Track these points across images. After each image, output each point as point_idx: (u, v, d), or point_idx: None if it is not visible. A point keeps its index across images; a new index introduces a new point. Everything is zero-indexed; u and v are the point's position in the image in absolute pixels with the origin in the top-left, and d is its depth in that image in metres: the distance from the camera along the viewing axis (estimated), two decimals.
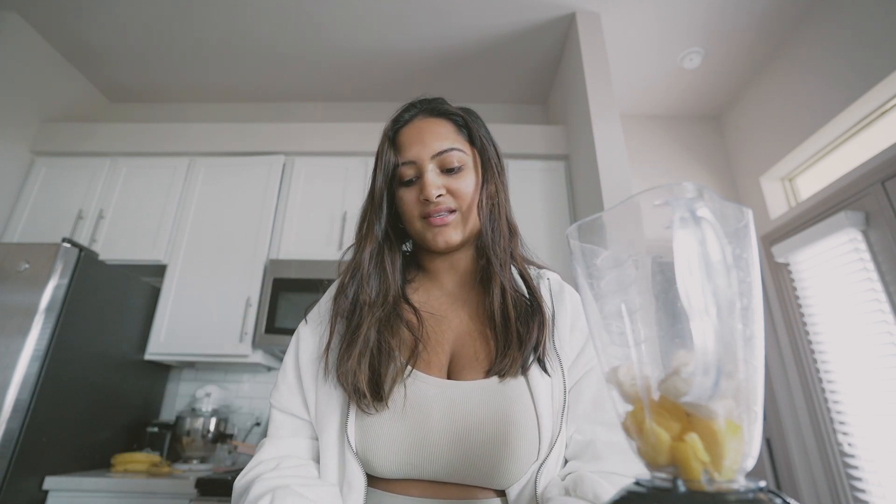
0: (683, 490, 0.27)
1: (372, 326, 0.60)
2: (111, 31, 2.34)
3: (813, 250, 1.99)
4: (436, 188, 0.62)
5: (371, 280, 0.64)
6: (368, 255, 0.65)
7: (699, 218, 0.28)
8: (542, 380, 0.58)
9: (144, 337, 2.03)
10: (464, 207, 0.64)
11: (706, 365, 0.26)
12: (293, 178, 2.28)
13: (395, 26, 2.28)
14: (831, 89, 2.00)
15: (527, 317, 0.60)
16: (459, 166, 0.64)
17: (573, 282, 0.40)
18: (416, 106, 0.69)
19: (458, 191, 0.63)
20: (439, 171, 0.64)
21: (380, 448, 0.55)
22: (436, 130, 0.65)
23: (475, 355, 0.61)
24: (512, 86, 2.70)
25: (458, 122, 0.68)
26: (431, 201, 0.62)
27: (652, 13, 2.14)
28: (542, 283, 0.66)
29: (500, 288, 0.62)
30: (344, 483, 0.56)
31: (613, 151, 1.89)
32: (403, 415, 0.56)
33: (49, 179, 2.30)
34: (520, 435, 0.54)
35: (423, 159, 0.63)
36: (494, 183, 0.66)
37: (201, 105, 2.89)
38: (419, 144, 0.64)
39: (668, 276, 0.30)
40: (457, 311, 0.66)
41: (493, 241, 0.64)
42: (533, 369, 0.58)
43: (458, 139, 0.66)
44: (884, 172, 1.72)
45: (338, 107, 2.85)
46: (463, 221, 0.64)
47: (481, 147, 0.67)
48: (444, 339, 0.63)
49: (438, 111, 0.68)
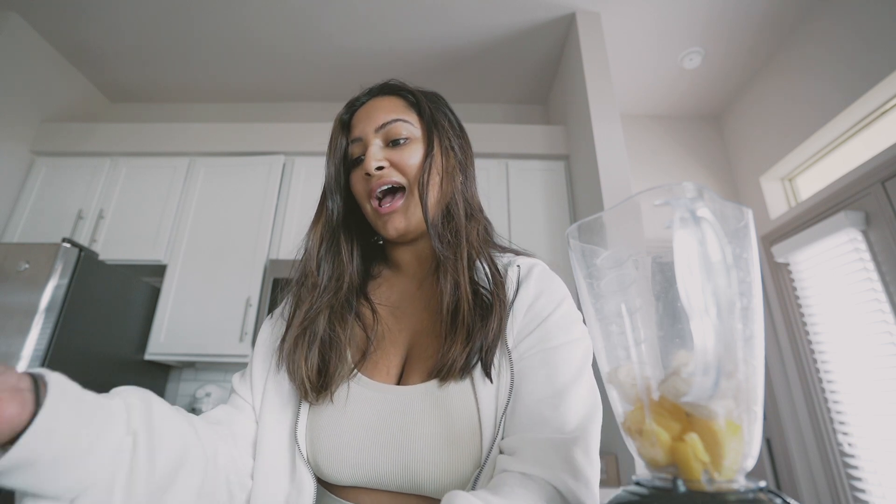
0: (683, 490, 0.27)
1: (322, 313, 0.57)
2: (111, 31, 2.34)
3: (813, 250, 1.99)
4: (376, 160, 0.58)
5: (322, 264, 0.61)
6: (320, 238, 0.62)
7: (699, 218, 0.28)
8: (486, 383, 0.51)
9: (144, 337, 2.03)
10: (410, 182, 0.59)
11: (706, 365, 0.26)
12: (293, 178, 2.28)
13: (395, 26, 2.29)
14: (831, 89, 2.00)
15: (481, 313, 0.53)
16: (407, 137, 0.60)
17: (573, 282, 0.40)
18: (372, 90, 0.67)
19: (400, 162, 0.59)
20: (383, 145, 0.61)
21: (327, 450, 0.52)
22: (384, 105, 0.63)
23: (426, 355, 0.56)
24: (512, 86, 2.70)
25: (409, 99, 0.65)
26: (371, 174, 0.58)
27: (652, 13, 2.14)
28: (511, 271, 0.58)
29: (452, 275, 0.55)
30: (293, 488, 0.53)
31: (613, 151, 1.89)
32: (346, 414, 0.53)
33: (49, 179, 2.30)
34: (460, 445, 0.49)
35: (368, 133, 0.61)
36: (444, 158, 0.61)
37: (201, 105, 2.88)
38: (366, 120, 0.62)
39: (668, 276, 0.30)
40: (416, 307, 0.61)
41: (436, 222, 0.58)
42: (477, 371, 0.52)
43: (408, 113, 0.63)
44: (884, 172, 1.72)
45: (338, 107, 2.77)
46: (410, 204, 0.59)
47: (431, 120, 0.63)
48: (399, 338, 0.59)
49: (390, 89, 0.66)
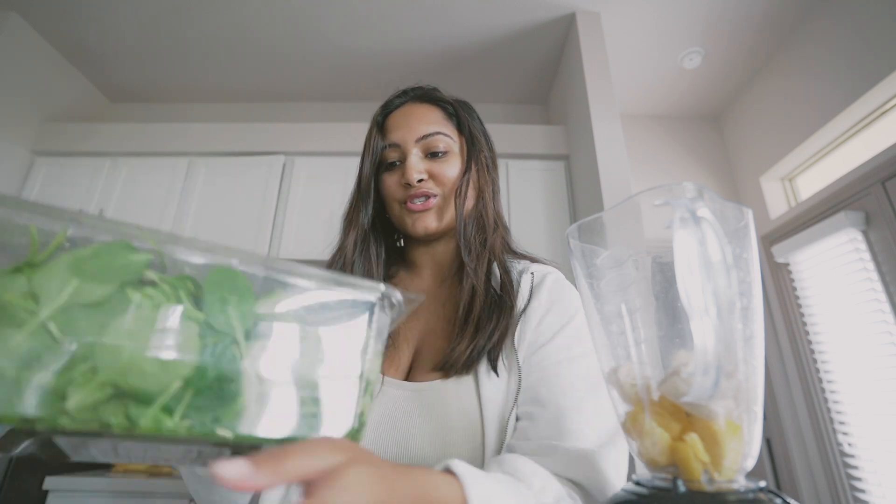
0: (683, 490, 0.27)
1: None
2: (111, 31, 2.34)
3: (813, 250, 1.98)
4: (417, 172, 0.60)
5: (355, 268, 0.63)
6: (353, 242, 0.64)
7: (699, 218, 0.28)
8: (492, 380, 0.52)
9: None
10: (446, 193, 0.62)
11: (706, 365, 0.26)
12: (293, 178, 2.28)
13: (395, 26, 2.28)
14: (831, 89, 1.99)
15: (490, 311, 0.56)
16: (445, 151, 0.63)
17: (573, 281, 0.40)
18: (407, 93, 0.68)
19: (440, 175, 0.62)
20: (423, 156, 0.62)
21: None
22: (423, 115, 0.64)
23: (435, 353, 0.58)
24: (512, 86, 2.70)
25: (448, 109, 0.67)
26: (412, 185, 0.60)
27: (652, 13, 2.14)
28: (525, 279, 0.61)
29: (475, 278, 0.58)
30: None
31: (613, 151, 1.89)
32: None
33: (49, 179, 2.30)
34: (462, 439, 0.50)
35: (408, 142, 0.62)
36: (480, 173, 0.64)
37: (201, 105, 2.88)
38: (405, 128, 0.63)
39: (668, 276, 0.30)
40: (428, 308, 0.64)
41: (468, 230, 0.61)
42: (482, 368, 0.53)
43: (447, 125, 0.65)
44: (884, 172, 1.72)
45: (338, 107, 2.85)
46: (444, 208, 0.62)
47: (470, 136, 0.65)
48: (410, 335, 0.61)
49: (429, 97, 0.67)
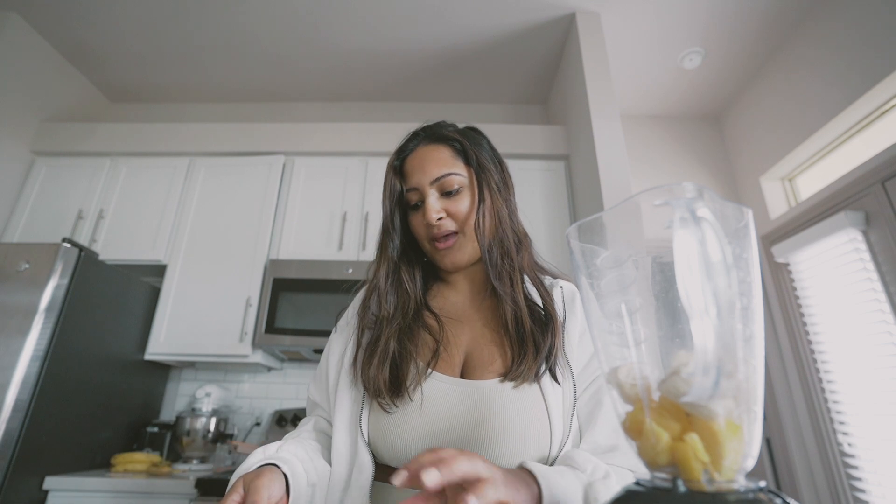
0: (683, 490, 0.27)
1: (392, 337, 0.67)
2: (111, 31, 2.34)
3: (813, 250, 1.98)
4: (436, 212, 0.68)
5: (388, 297, 0.71)
6: (384, 275, 0.72)
7: (699, 218, 0.28)
8: (554, 388, 0.62)
9: (144, 337, 2.03)
10: (464, 228, 0.70)
11: (706, 365, 0.26)
12: (293, 178, 2.28)
13: (395, 26, 2.28)
14: (831, 89, 1.99)
15: (541, 326, 0.65)
16: (458, 188, 0.70)
17: (573, 282, 0.40)
18: (418, 135, 0.76)
19: (456, 213, 0.70)
20: (439, 195, 0.70)
21: (391, 438, 0.61)
22: (435, 157, 0.71)
23: (490, 359, 0.65)
24: (512, 86, 2.70)
25: (455, 147, 0.73)
26: (433, 224, 0.68)
27: (652, 13, 2.14)
28: (555, 292, 0.70)
29: (512, 300, 0.67)
30: (354, 466, 0.62)
31: (613, 151, 1.89)
32: (421, 411, 0.61)
33: (49, 179, 2.30)
34: (532, 440, 0.58)
35: (424, 185, 0.70)
36: (493, 198, 0.71)
37: (201, 105, 2.88)
38: (420, 172, 0.71)
39: (668, 276, 0.30)
40: (472, 316, 0.72)
41: (494, 259, 0.69)
42: (545, 377, 0.62)
43: (456, 163, 0.71)
44: (884, 172, 1.72)
45: (338, 107, 2.85)
46: (465, 242, 0.70)
47: (478, 167, 0.72)
48: (460, 341, 0.69)
49: (437, 137, 0.74)
